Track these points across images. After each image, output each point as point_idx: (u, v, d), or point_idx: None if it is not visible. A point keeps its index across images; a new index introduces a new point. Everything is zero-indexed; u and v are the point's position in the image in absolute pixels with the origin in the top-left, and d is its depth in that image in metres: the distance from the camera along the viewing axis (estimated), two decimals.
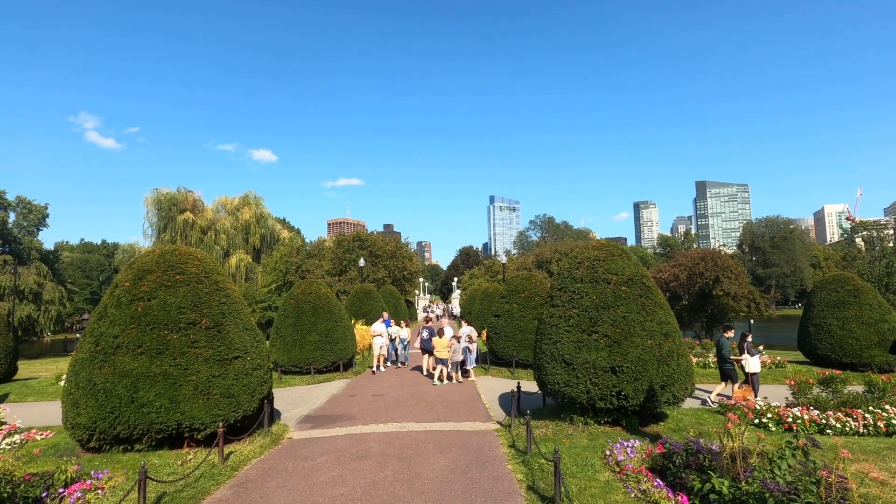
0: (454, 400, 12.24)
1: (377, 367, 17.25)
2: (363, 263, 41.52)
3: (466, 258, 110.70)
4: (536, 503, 5.89)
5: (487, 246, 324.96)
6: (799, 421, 8.94)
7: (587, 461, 7.15)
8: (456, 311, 60.91)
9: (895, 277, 31.80)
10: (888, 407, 9.18)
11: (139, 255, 9.08)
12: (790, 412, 9.18)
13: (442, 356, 14.69)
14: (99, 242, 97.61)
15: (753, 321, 37.26)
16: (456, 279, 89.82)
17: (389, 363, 18.33)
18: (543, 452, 7.05)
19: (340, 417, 10.64)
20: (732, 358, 11.50)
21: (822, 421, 8.93)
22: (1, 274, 42.98)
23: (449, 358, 14.77)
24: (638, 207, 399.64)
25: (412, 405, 11.66)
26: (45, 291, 46.62)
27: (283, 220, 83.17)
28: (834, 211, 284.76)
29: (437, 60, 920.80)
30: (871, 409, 9.16)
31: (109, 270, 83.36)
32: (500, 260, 60.71)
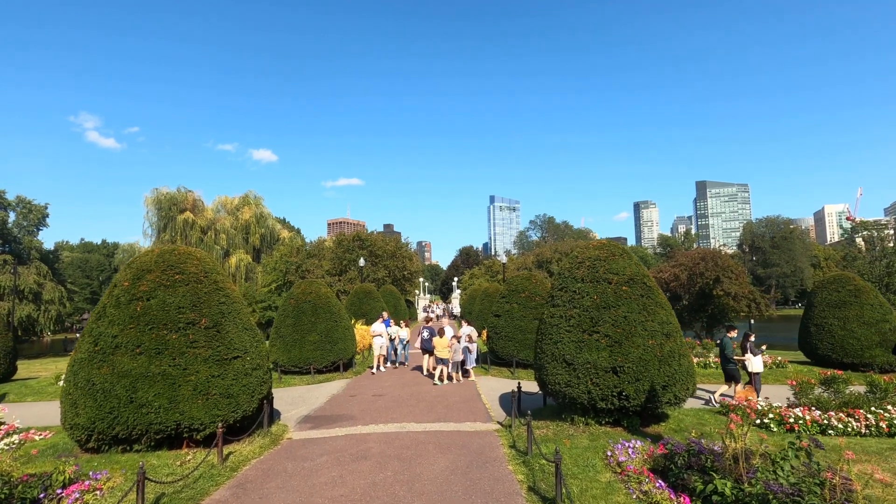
0: (454, 400, 12.20)
1: (377, 367, 17.21)
2: (363, 263, 41.49)
3: (466, 258, 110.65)
4: None
5: (487, 246, 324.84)
6: (801, 421, 8.91)
7: (588, 462, 7.12)
8: (456, 310, 60.87)
9: None
10: (890, 407, 9.14)
11: (138, 254, 9.04)
12: (792, 413, 9.14)
13: (443, 356, 14.66)
14: (99, 242, 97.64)
15: (754, 321, 37.20)
16: (456, 279, 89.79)
17: (389, 363, 18.29)
18: (544, 453, 7.02)
19: (340, 418, 10.60)
20: (735, 358, 11.48)
21: (823, 421, 8.89)
22: (1, 274, 42.94)
23: (450, 358, 14.74)
24: (638, 207, 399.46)
25: (412, 405, 11.62)
26: (44, 291, 46.61)
27: (283, 219, 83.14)
28: (834, 211, 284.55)
29: (437, 60, 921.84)
30: (873, 409, 9.12)
31: (109, 270, 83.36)
32: (500, 260, 60.66)
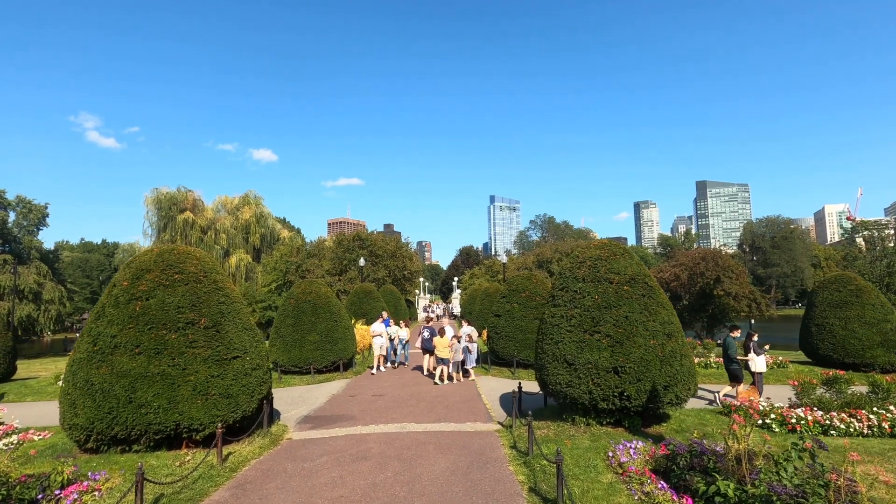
0: (455, 400, 12.17)
1: (377, 367, 17.18)
2: (363, 263, 41.45)
3: (467, 258, 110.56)
4: None
5: (488, 246, 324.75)
6: (803, 422, 8.87)
7: (589, 463, 7.08)
8: (456, 310, 60.83)
9: None
10: (893, 408, 9.10)
11: (138, 254, 9.01)
12: (794, 413, 9.11)
13: (443, 356, 14.62)
14: (99, 242, 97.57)
15: (754, 321, 37.12)
16: (456, 279, 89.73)
17: (389, 363, 18.25)
18: (545, 453, 6.97)
19: (340, 418, 10.57)
20: (739, 358, 11.44)
21: (826, 422, 8.85)
22: (1, 273, 42.89)
23: (450, 358, 14.71)
24: (638, 207, 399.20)
25: (412, 405, 11.58)
26: (44, 291, 46.52)
27: (283, 219, 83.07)
28: (834, 211, 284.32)
29: (437, 60, 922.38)
30: (875, 409, 9.09)
31: (109, 270, 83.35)
32: (500, 260, 60.60)
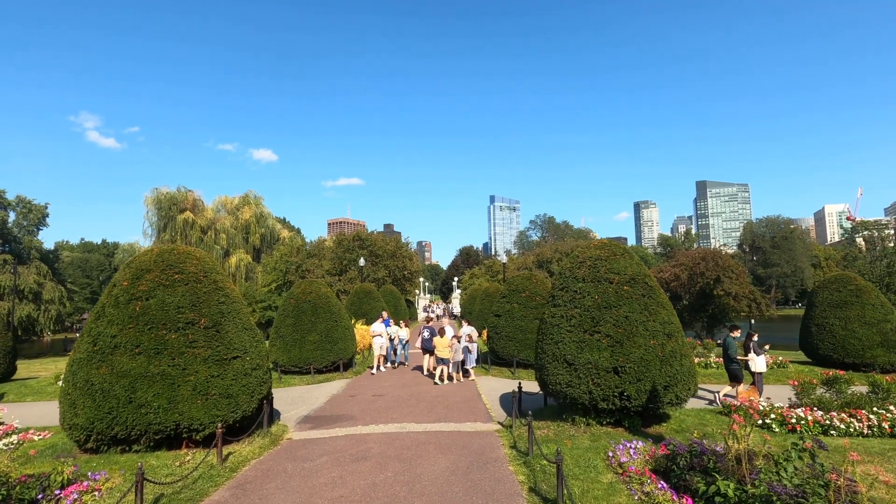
0: (455, 400, 12.16)
1: (377, 367, 17.17)
2: (363, 263, 41.44)
3: (467, 258, 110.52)
4: None
5: (488, 246, 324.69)
6: (803, 422, 8.87)
7: (590, 463, 7.08)
8: (456, 310, 60.82)
9: None
10: (893, 408, 9.10)
11: (138, 254, 9.01)
12: (794, 413, 9.10)
13: (443, 356, 14.62)
14: (99, 242, 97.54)
15: (754, 321, 37.12)
16: (456, 279, 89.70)
17: (389, 363, 18.25)
18: (545, 454, 6.97)
19: (340, 418, 10.57)
20: (739, 358, 11.43)
21: (826, 422, 8.85)
22: (1, 273, 42.89)
23: (450, 358, 14.70)
24: (638, 207, 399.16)
25: (412, 405, 11.58)
26: (44, 291, 46.51)
27: (283, 219, 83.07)
28: (834, 211, 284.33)
29: (437, 60, 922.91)
30: (875, 410, 9.09)
31: (109, 270, 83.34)
32: (500, 260, 60.58)
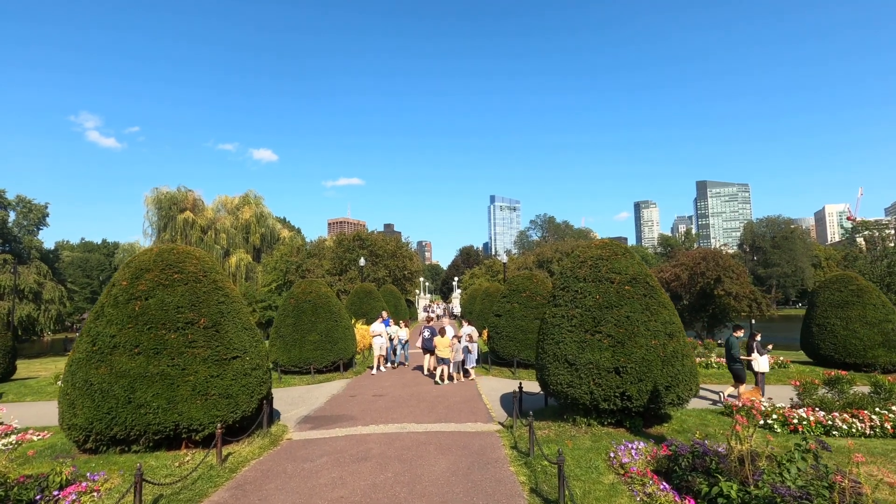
0: (455, 400, 12.13)
1: (377, 367, 17.14)
2: (363, 263, 41.41)
3: (467, 258, 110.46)
4: None
5: (488, 245, 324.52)
6: (805, 422, 8.83)
7: (591, 463, 7.05)
8: (456, 310, 60.76)
9: None
10: (895, 408, 9.06)
11: (137, 253, 8.98)
12: (796, 413, 9.07)
13: (444, 356, 14.59)
14: (99, 242, 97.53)
15: (755, 321, 37.09)
16: (456, 279, 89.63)
17: (389, 363, 18.21)
18: (546, 454, 6.93)
19: (340, 418, 10.53)
20: (742, 357, 11.39)
21: (828, 422, 8.82)
22: (1, 273, 42.86)
23: (451, 357, 14.67)
24: (638, 207, 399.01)
25: (413, 406, 11.55)
26: (45, 291, 46.46)
27: (283, 219, 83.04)
28: (835, 211, 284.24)
29: (437, 60, 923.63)
30: (877, 410, 9.05)
31: (109, 270, 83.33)
32: (500, 259, 60.52)
